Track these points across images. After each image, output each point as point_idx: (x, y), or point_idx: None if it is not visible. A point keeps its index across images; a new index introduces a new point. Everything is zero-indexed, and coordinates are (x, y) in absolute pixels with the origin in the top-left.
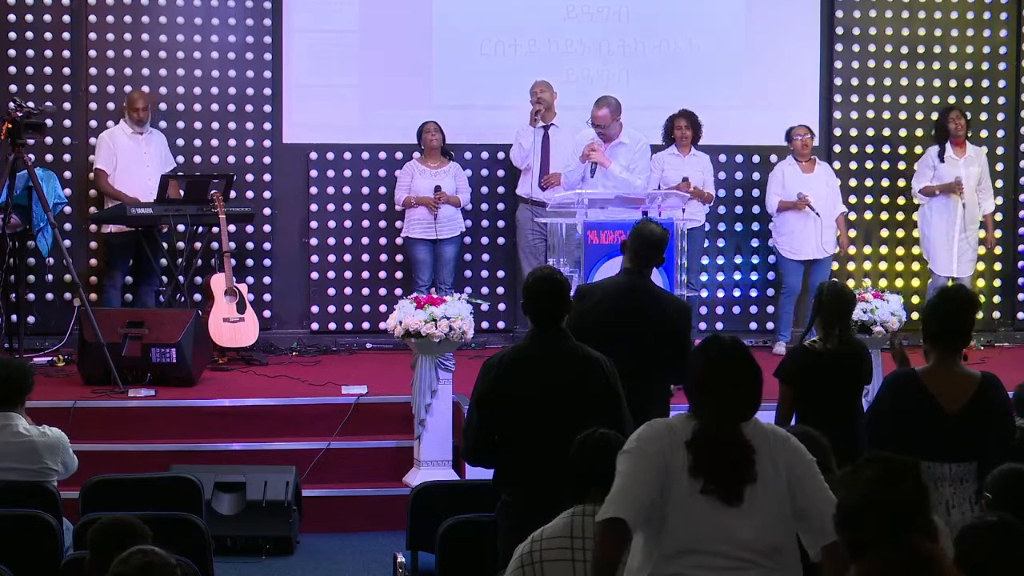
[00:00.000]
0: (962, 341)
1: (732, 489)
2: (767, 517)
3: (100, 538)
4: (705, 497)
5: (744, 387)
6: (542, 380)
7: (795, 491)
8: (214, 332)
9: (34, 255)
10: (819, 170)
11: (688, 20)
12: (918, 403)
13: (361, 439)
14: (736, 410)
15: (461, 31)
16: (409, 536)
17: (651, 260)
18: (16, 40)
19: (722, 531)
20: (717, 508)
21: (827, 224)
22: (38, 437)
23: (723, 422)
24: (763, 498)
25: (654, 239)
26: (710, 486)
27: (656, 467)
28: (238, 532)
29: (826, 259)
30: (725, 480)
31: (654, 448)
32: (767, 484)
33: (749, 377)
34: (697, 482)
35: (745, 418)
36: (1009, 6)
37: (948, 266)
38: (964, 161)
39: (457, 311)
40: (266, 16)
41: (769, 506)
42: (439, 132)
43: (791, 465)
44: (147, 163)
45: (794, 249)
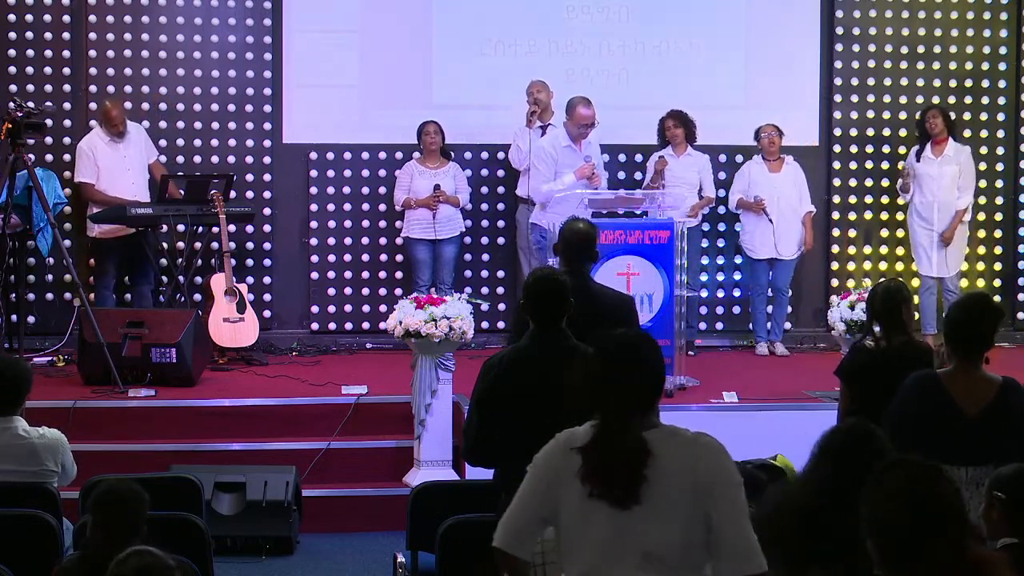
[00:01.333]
0: (984, 346)
1: (622, 490)
2: (672, 522)
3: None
4: (596, 503)
5: (632, 383)
6: (542, 380)
7: (707, 503)
8: (214, 332)
9: (34, 255)
10: (787, 169)
11: (688, 20)
12: (938, 406)
13: (361, 439)
14: (627, 408)
15: (461, 31)
16: (409, 536)
17: (582, 257)
18: (16, 40)
19: (619, 537)
20: (608, 513)
21: (792, 224)
22: (37, 439)
23: (614, 421)
24: (665, 501)
25: (580, 235)
26: (596, 490)
27: (545, 485)
28: (238, 532)
29: (788, 260)
30: (611, 482)
31: (543, 465)
32: (668, 487)
33: (637, 373)
34: (586, 487)
35: (638, 418)
36: (1009, 6)
37: (929, 266)
38: (940, 160)
39: (457, 311)
40: (266, 16)
41: (674, 511)
42: (439, 134)
43: (703, 473)
44: (128, 167)
45: (754, 248)
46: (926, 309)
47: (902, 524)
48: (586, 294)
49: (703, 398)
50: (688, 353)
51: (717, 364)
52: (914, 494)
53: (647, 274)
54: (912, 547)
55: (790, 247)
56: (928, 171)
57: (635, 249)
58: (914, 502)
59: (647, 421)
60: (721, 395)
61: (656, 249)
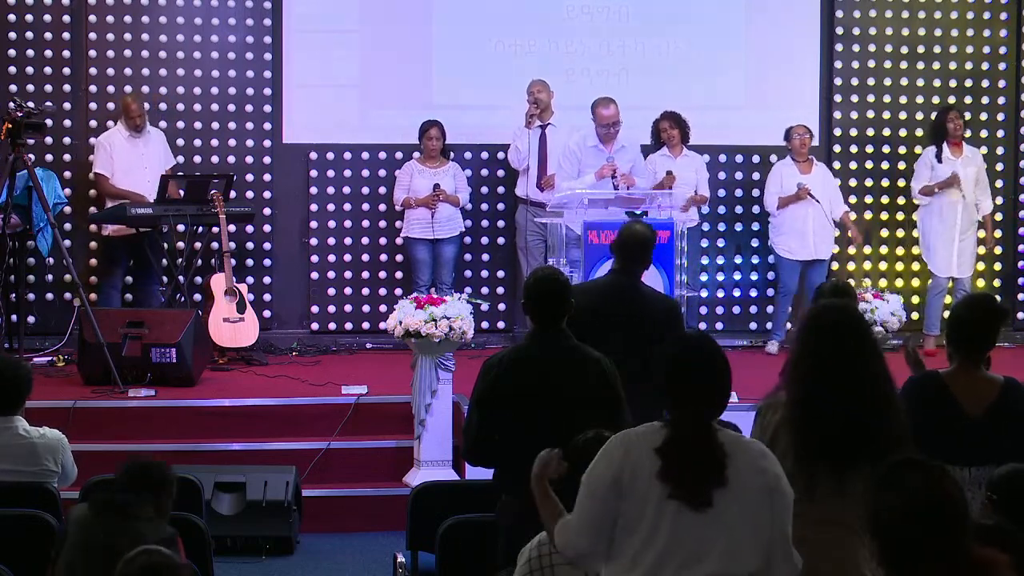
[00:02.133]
0: (987, 347)
1: (699, 492)
2: (741, 529)
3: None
4: (674, 504)
5: (709, 384)
6: (542, 380)
7: (770, 510)
8: (214, 332)
9: (34, 255)
10: (816, 171)
11: (688, 20)
12: (940, 406)
13: (361, 439)
14: (704, 409)
15: (461, 31)
16: (409, 536)
17: (638, 260)
18: (16, 40)
19: (691, 539)
20: (684, 514)
21: (825, 226)
22: (38, 439)
23: (691, 422)
24: (735, 507)
25: (639, 239)
26: (678, 490)
27: (606, 495)
28: (238, 532)
29: (825, 259)
30: (692, 482)
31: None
32: (740, 492)
33: (714, 373)
34: (665, 488)
35: (715, 415)
36: (1009, 6)
37: (948, 267)
38: (961, 161)
39: (457, 311)
40: (266, 16)
41: (743, 517)
42: (440, 139)
43: (770, 480)
44: (145, 164)
45: (791, 249)
46: (933, 310)
47: (905, 524)
48: (637, 294)
49: None
50: None
51: None
52: (918, 494)
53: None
54: (914, 547)
55: (825, 248)
56: (952, 171)
57: None
58: (917, 502)
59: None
60: None
61: (656, 249)
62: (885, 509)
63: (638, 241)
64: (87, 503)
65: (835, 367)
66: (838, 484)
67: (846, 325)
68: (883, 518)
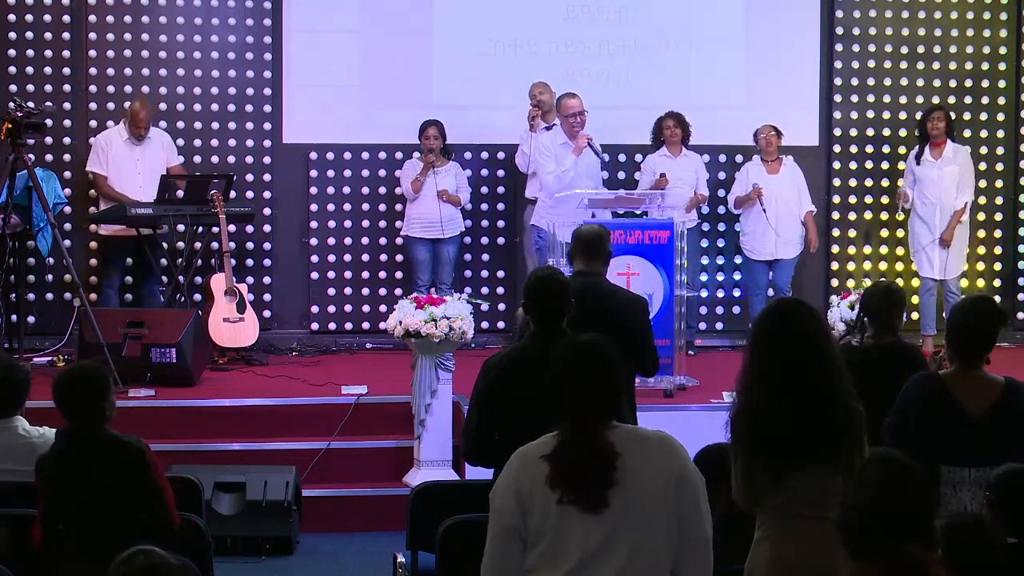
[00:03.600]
0: (987, 349)
1: (590, 493)
2: (644, 526)
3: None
4: (571, 509)
5: (596, 387)
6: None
7: (677, 503)
8: (214, 332)
9: (34, 255)
10: (785, 171)
11: (688, 20)
12: (941, 406)
13: (361, 439)
14: (592, 411)
15: (461, 31)
16: (409, 536)
17: (597, 256)
18: (16, 40)
19: (588, 542)
20: (578, 518)
21: (789, 224)
22: (37, 439)
23: (579, 425)
24: (634, 505)
25: (592, 235)
26: (568, 494)
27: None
28: (238, 532)
29: (789, 260)
30: (581, 485)
31: (503, 498)
32: (637, 489)
33: (598, 376)
34: (555, 494)
35: (603, 418)
36: (1009, 6)
37: (930, 268)
38: (940, 162)
39: (457, 311)
40: (266, 16)
41: (645, 514)
42: (439, 138)
43: (672, 473)
44: (139, 170)
45: (754, 249)
46: (926, 310)
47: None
48: (601, 293)
49: (703, 398)
50: (688, 353)
51: (717, 364)
52: (870, 487)
53: (647, 274)
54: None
55: (791, 247)
56: (928, 174)
57: (635, 249)
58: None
59: (610, 424)
60: (721, 395)
61: (656, 249)
62: (848, 498)
63: (595, 237)
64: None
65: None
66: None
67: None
68: (845, 510)
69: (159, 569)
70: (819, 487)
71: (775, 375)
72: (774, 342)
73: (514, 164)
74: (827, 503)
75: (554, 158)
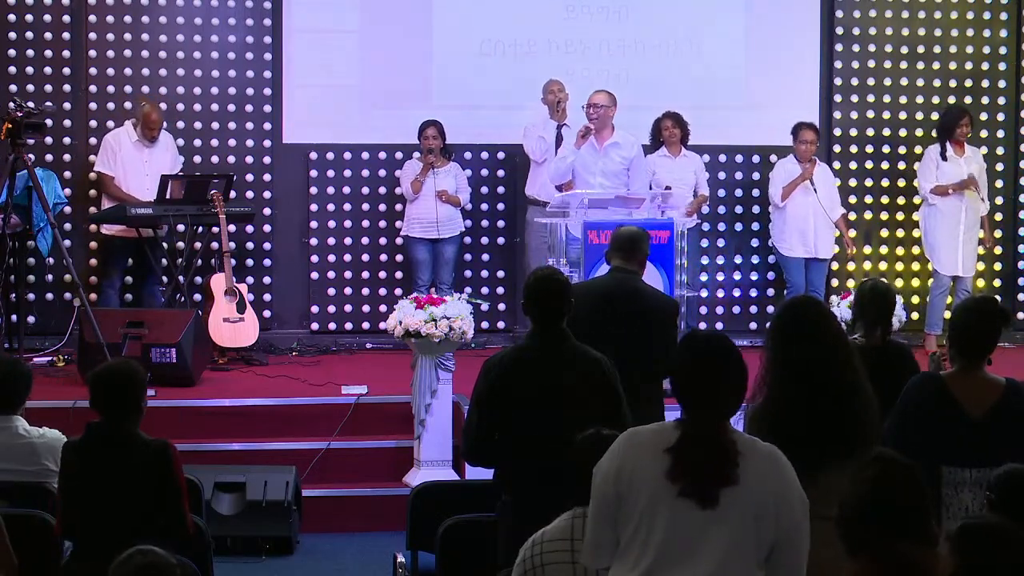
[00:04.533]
0: (989, 350)
1: (709, 490)
2: (744, 529)
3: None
4: (681, 502)
5: (726, 383)
6: (542, 380)
7: (776, 519)
8: (214, 332)
9: (34, 255)
10: (818, 170)
11: (688, 20)
12: (942, 407)
13: (361, 439)
14: (719, 407)
15: (461, 31)
16: (409, 536)
17: (634, 256)
18: (16, 40)
19: (692, 537)
20: (689, 512)
21: (826, 225)
22: (37, 439)
23: (706, 420)
24: (741, 507)
25: (631, 235)
26: (689, 488)
27: (610, 500)
28: (238, 532)
29: (824, 260)
30: (703, 480)
31: (604, 480)
32: (747, 493)
33: (731, 372)
34: (675, 486)
35: (729, 415)
36: (1009, 6)
37: (953, 266)
38: (964, 160)
39: (457, 311)
40: (266, 16)
41: (747, 518)
42: (438, 138)
43: (780, 489)
44: (147, 172)
45: (792, 247)
46: (936, 310)
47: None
48: (635, 292)
49: None
50: None
51: None
52: (866, 486)
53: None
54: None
55: (826, 247)
56: (957, 171)
57: None
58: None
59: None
60: None
61: (656, 249)
62: (844, 499)
63: (634, 238)
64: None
65: (797, 365)
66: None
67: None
68: (842, 508)
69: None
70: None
71: (791, 373)
72: (789, 340)
73: (514, 164)
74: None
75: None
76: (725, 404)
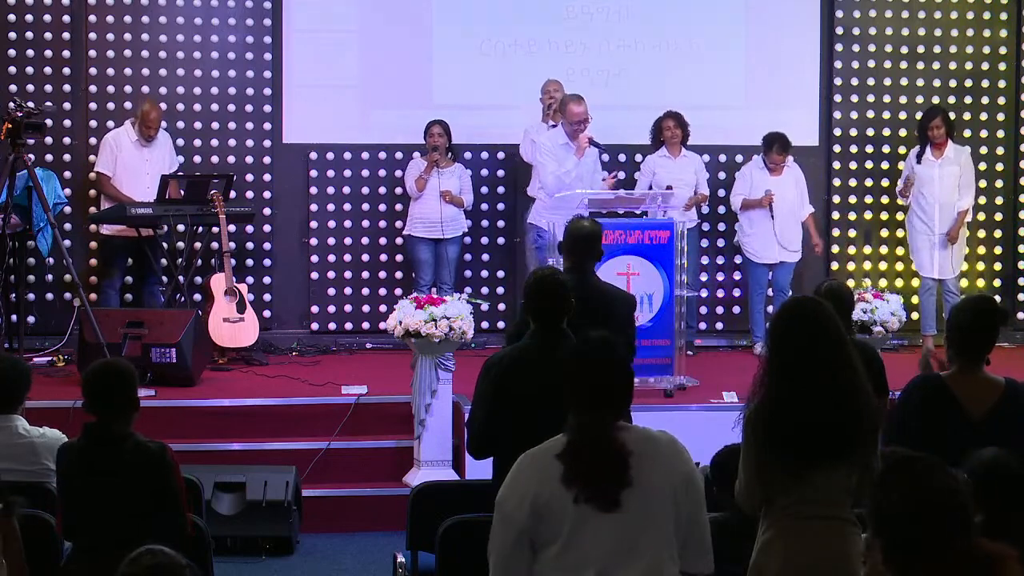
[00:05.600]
0: (988, 349)
1: (605, 492)
2: (654, 528)
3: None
4: (585, 509)
5: (607, 385)
6: (542, 380)
7: (682, 502)
8: (214, 332)
9: (34, 255)
10: (788, 172)
11: (688, 19)
12: (943, 408)
13: (361, 439)
14: (603, 408)
15: (461, 31)
16: (409, 536)
17: (588, 255)
18: (16, 40)
19: (605, 541)
20: (595, 517)
21: (791, 227)
22: (37, 438)
23: (590, 424)
24: (645, 506)
25: (585, 233)
26: (582, 494)
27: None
28: (238, 532)
29: (789, 262)
30: (595, 483)
31: (516, 505)
32: (648, 490)
33: (611, 374)
34: (570, 493)
35: (615, 417)
36: (1009, 6)
37: (930, 268)
38: (941, 162)
39: (457, 311)
40: (266, 16)
41: (655, 516)
42: (444, 136)
43: (679, 472)
44: (147, 171)
45: (756, 252)
46: (926, 310)
47: (908, 521)
48: (589, 291)
49: (703, 398)
50: (688, 353)
51: (717, 364)
52: (919, 490)
53: (647, 274)
54: (918, 544)
55: (793, 250)
56: (929, 173)
57: (635, 249)
58: (919, 498)
59: (619, 422)
60: (721, 395)
61: (656, 249)
62: (888, 507)
63: (584, 235)
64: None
65: (797, 365)
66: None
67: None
68: (886, 516)
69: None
70: (834, 486)
71: (791, 372)
72: (787, 341)
73: (514, 164)
74: (840, 502)
75: (555, 158)
76: (609, 405)
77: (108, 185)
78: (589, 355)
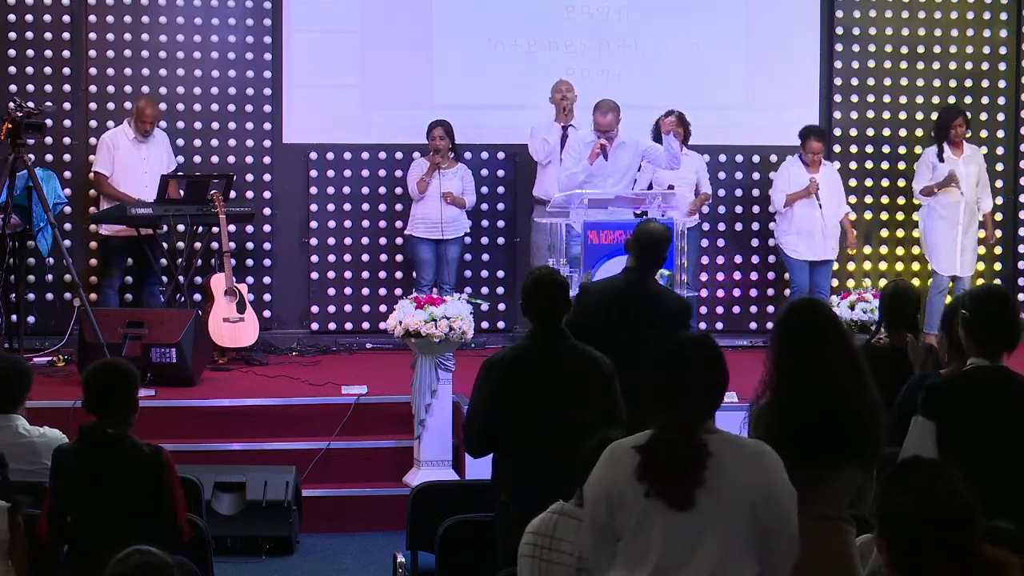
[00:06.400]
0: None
1: (677, 489)
2: (728, 531)
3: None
4: (658, 505)
5: (695, 384)
6: (541, 380)
7: (765, 518)
8: (214, 332)
9: (34, 255)
10: (824, 170)
11: (688, 20)
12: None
13: (361, 439)
14: (688, 408)
15: (461, 31)
16: (409, 536)
17: (652, 259)
18: (16, 40)
19: (669, 539)
20: (664, 513)
21: (831, 226)
22: (37, 438)
23: (675, 421)
24: (721, 508)
25: (654, 237)
26: (653, 488)
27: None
28: (238, 532)
29: (829, 261)
30: (669, 479)
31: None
32: (724, 493)
33: (701, 373)
34: (642, 486)
35: (701, 416)
36: (1009, 6)
37: (951, 266)
38: (962, 160)
39: (457, 311)
40: (266, 16)
41: (730, 518)
42: (446, 138)
43: (764, 486)
44: (146, 169)
45: (798, 249)
46: (934, 310)
47: (914, 524)
48: (649, 293)
49: None
50: None
51: None
52: (926, 493)
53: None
54: (924, 547)
55: (832, 248)
56: (955, 171)
57: None
58: (926, 501)
59: (707, 426)
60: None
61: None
62: (894, 509)
63: (654, 239)
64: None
65: (800, 365)
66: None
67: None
68: (892, 518)
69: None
70: (837, 486)
71: (794, 374)
72: (791, 341)
73: (515, 164)
74: (843, 504)
75: (573, 157)
76: (695, 404)
77: (106, 185)
78: (688, 354)
